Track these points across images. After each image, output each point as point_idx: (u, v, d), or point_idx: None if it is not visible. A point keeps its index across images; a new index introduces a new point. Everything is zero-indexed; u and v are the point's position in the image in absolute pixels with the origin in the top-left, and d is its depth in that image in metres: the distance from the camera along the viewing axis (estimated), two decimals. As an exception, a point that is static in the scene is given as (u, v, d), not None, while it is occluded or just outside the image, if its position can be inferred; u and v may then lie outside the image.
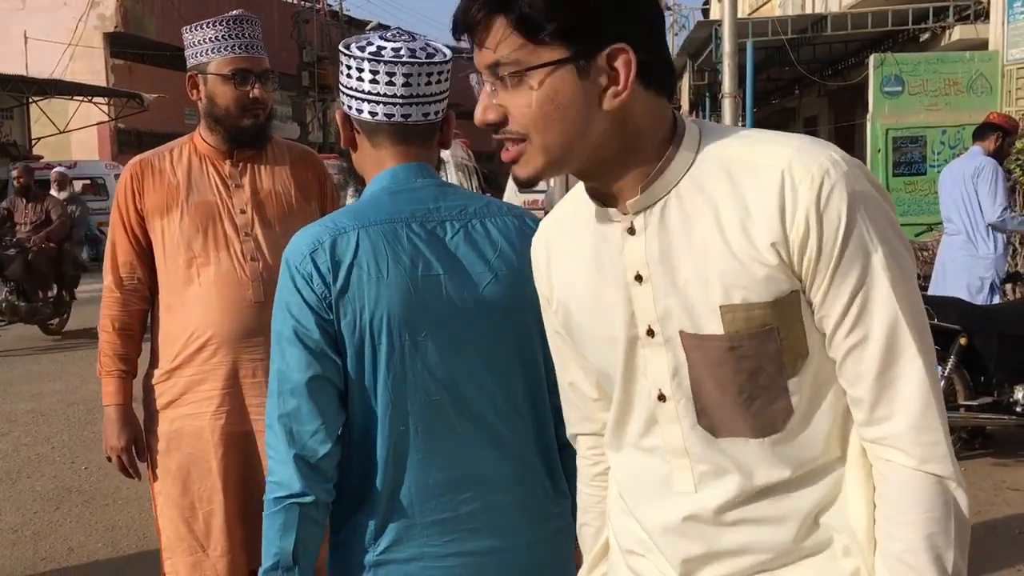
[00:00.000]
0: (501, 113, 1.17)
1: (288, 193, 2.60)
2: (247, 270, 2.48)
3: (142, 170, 2.52)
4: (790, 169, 1.10)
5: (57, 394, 7.56)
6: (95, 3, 29.15)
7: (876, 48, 12.76)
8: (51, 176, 12.78)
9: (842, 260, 1.10)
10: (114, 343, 2.55)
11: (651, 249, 1.18)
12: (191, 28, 2.51)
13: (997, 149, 6.10)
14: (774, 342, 1.14)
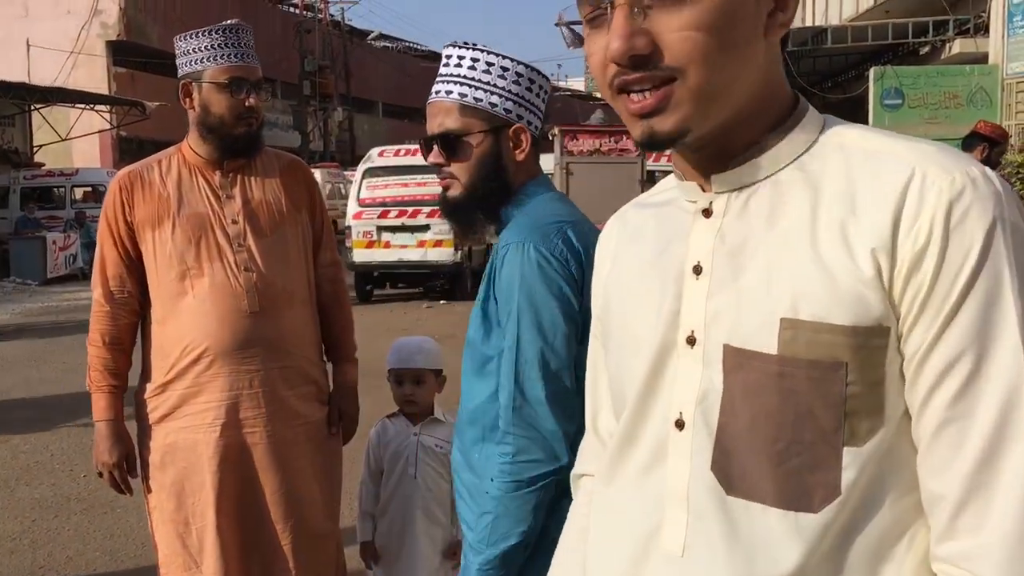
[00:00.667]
0: (651, 43, 0.88)
1: (279, 202, 2.59)
2: (242, 280, 2.47)
3: (131, 182, 2.49)
4: (924, 166, 0.87)
5: (53, 401, 7.55)
6: (98, 11, 29.24)
7: (876, 61, 12.81)
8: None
9: (964, 300, 0.83)
10: (104, 357, 2.52)
11: (723, 237, 0.96)
12: (185, 36, 2.50)
13: (985, 160, 6.02)
14: (838, 384, 0.87)
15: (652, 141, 0.92)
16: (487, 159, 1.75)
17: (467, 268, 14.05)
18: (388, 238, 13.51)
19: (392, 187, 13.71)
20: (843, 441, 0.87)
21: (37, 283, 16.45)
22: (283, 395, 2.53)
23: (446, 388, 3.09)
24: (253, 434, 2.48)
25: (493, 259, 1.71)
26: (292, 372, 2.55)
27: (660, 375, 0.99)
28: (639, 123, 0.92)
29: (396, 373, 2.98)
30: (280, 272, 2.53)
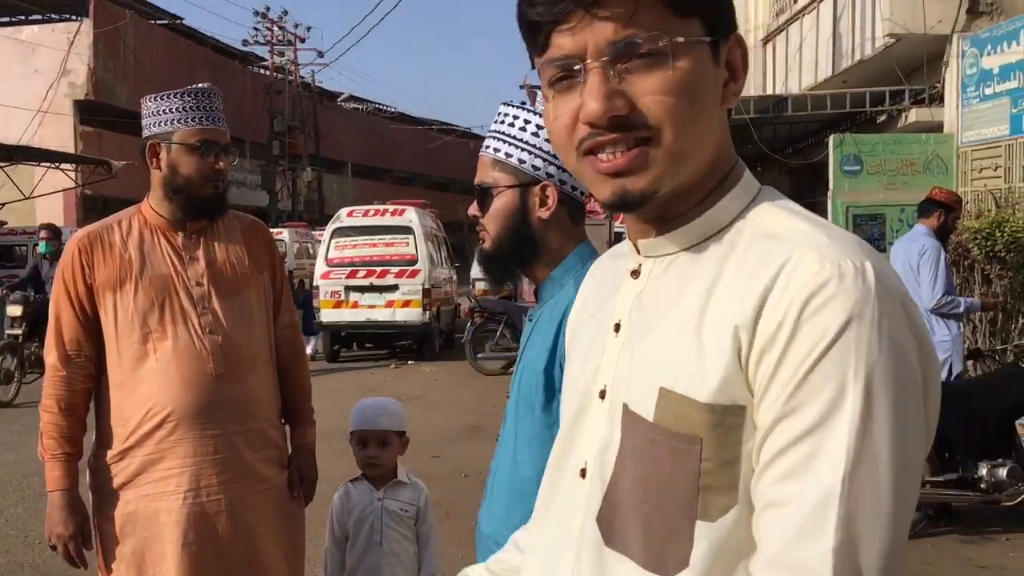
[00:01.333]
0: (628, 104, 0.91)
1: (242, 263, 2.57)
2: (207, 343, 2.43)
3: (91, 243, 2.45)
4: (801, 253, 0.88)
5: (11, 465, 7.37)
6: (67, 71, 29.28)
7: (835, 128, 13.13)
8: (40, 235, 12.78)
9: (802, 386, 0.84)
10: (59, 424, 2.44)
11: (641, 300, 1.00)
12: (154, 98, 2.49)
13: (941, 226, 6.03)
14: (694, 461, 0.89)
15: (623, 200, 0.94)
16: (513, 214, 1.76)
17: (435, 328, 14.04)
18: (356, 298, 13.49)
19: (360, 247, 13.74)
20: (696, 515, 0.90)
21: (-4, 343, 16.14)
22: (247, 459, 2.49)
23: (408, 448, 3.07)
24: (217, 501, 2.42)
25: (560, 323, 1.64)
26: (255, 435, 2.52)
27: (579, 424, 1.05)
28: (609, 182, 0.94)
29: (360, 435, 2.94)
30: (244, 334, 2.51)
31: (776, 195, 1.01)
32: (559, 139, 0.97)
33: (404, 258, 13.58)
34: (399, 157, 51.26)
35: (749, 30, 17.39)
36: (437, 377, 12.17)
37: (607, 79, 0.91)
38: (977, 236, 8.55)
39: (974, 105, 10.50)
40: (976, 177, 10.54)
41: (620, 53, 0.90)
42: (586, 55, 0.91)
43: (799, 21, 14.27)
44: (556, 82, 0.95)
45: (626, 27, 0.90)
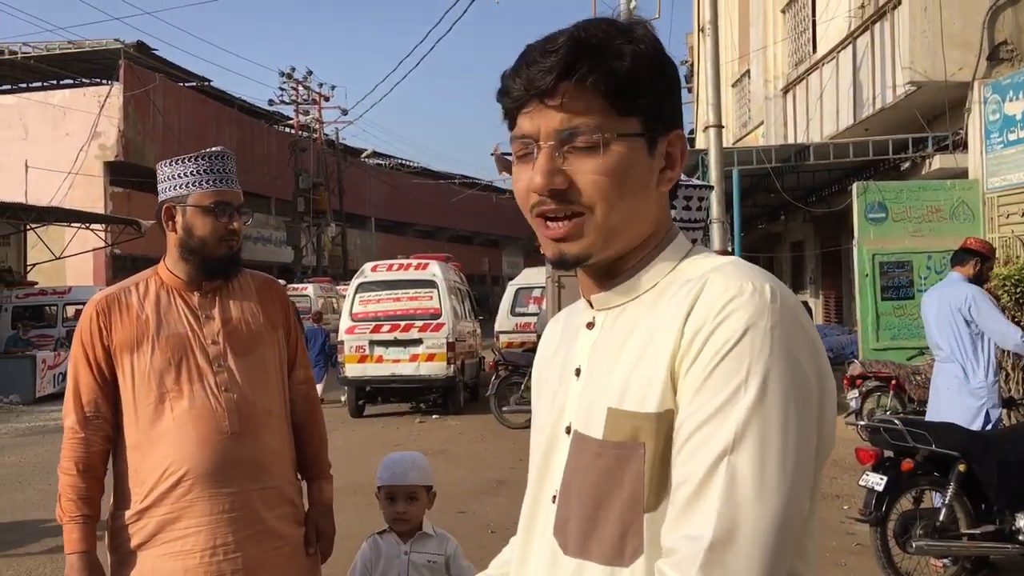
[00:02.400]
0: (567, 181, 1.12)
1: (257, 321, 2.60)
2: (222, 401, 2.45)
3: (108, 306, 2.48)
4: (714, 277, 1.08)
5: (39, 525, 7.35)
6: (97, 133, 29.92)
7: (858, 176, 13.11)
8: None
9: (706, 383, 1.03)
10: (78, 486, 2.44)
11: (597, 346, 1.18)
12: (169, 163, 2.54)
13: (977, 274, 6.08)
14: (638, 461, 1.08)
15: (562, 261, 1.15)
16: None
17: (460, 382, 14.00)
18: (381, 352, 13.49)
19: (384, 301, 13.78)
20: (644, 508, 1.07)
21: (25, 402, 16.29)
22: (263, 517, 2.49)
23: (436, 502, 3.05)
24: (234, 559, 2.41)
25: None
26: (271, 493, 2.53)
27: (551, 458, 1.22)
28: (552, 245, 1.16)
29: (388, 490, 2.93)
30: (259, 392, 2.54)
31: (704, 250, 1.21)
32: (520, 200, 1.18)
33: (428, 312, 13.60)
34: (422, 211, 51.71)
35: (769, 80, 17.51)
36: (462, 431, 12.11)
37: (552, 159, 1.12)
38: (1006, 282, 8.46)
39: (998, 151, 10.46)
40: (1003, 223, 10.46)
41: (564, 139, 1.11)
42: (539, 137, 1.13)
43: (819, 70, 14.34)
44: (519, 155, 1.17)
45: (571, 120, 1.11)
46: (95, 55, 30.60)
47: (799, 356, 1.03)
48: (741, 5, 19.69)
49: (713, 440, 1.00)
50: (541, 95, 1.11)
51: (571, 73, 1.10)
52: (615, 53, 1.11)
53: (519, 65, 1.14)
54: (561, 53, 1.10)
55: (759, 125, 18.29)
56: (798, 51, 15.96)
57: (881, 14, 11.71)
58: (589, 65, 1.09)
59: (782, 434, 0.99)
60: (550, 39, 1.13)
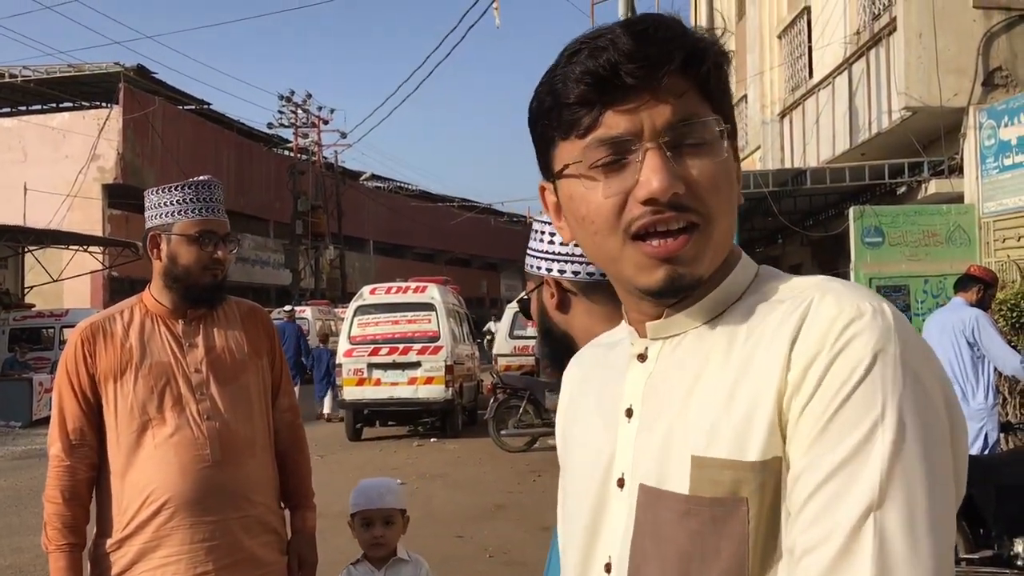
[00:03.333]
0: (684, 185, 0.92)
1: (241, 349, 2.61)
2: (204, 430, 2.46)
3: (93, 334, 2.48)
4: (820, 299, 0.89)
5: (38, 548, 7.28)
6: (96, 156, 30.01)
7: (855, 200, 13.17)
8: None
9: (832, 423, 0.84)
10: (64, 515, 2.43)
11: (653, 382, 0.99)
12: (156, 191, 2.55)
13: (979, 300, 6.22)
14: (741, 523, 0.88)
15: (675, 286, 0.94)
16: (539, 314, 1.90)
17: (458, 405, 13.98)
18: (379, 375, 13.48)
19: (383, 324, 13.79)
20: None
21: (21, 425, 16.23)
22: (244, 545, 2.49)
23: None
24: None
25: None
26: (252, 521, 2.52)
27: (600, 519, 1.01)
28: (661, 267, 0.93)
29: (364, 515, 2.93)
30: (242, 420, 2.54)
31: (776, 270, 1.03)
32: (602, 220, 0.95)
33: (426, 335, 13.60)
34: (420, 234, 51.80)
35: (766, 105, 17.63)
36: (460, 455, 12.08)
37: (668, 159, 0.91)
38: (1002, 307, 8.48)
39: (994, 176, 10.53)
40: (999, 247, 10.50)
41: (677, 136, 0.92)
42: (643, 136, 0.92)
43: (815, 96, 14.45)
44: (606, 165, 0.94)
45: (687, 110, 0.92)
46: (95, 78, 30.75)
47: (930, 387, 0.86)
48: (737, 31, 19.85)
49: (853, 493, 0.82)
50: (652, 87, 0.91)
51: (691, 65, 0.92)
52: (712, 43, 0.95)
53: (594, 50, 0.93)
54: (677, 41, 0.92)
55: (756, 149, 18.39)
56: (794, 76, 16.08)
57: (876, 40, 11.82)
58: (710, 60, 0.94)
59: (928, 483, 0.82)
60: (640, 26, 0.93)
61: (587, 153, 0.94)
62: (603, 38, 0.93)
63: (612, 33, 0.93)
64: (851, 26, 12.94)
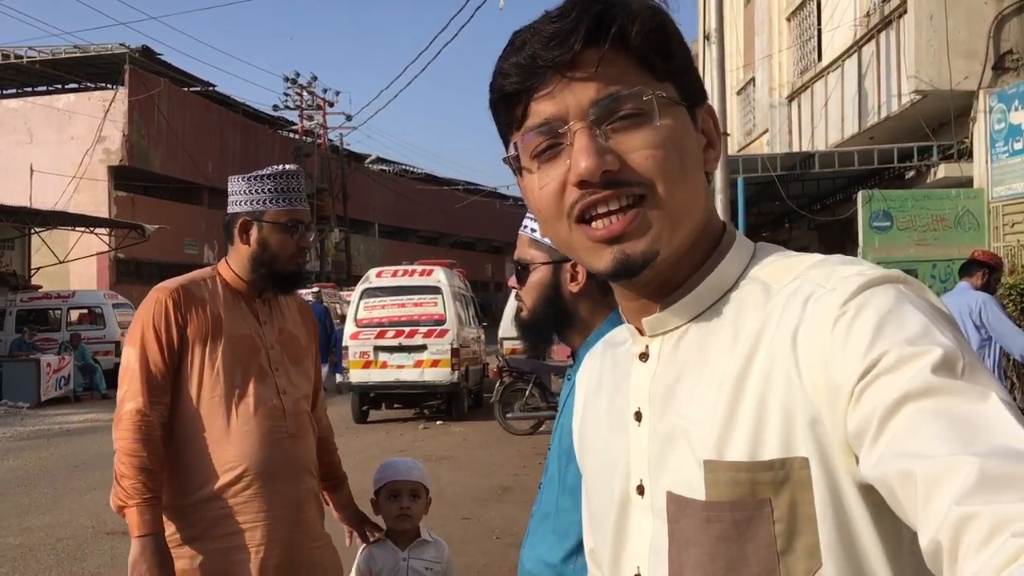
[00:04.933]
0: (618, 161, 0.89)
1: (301, 335, 2.77)
2: (283, 403, 2.57)
3: (184, 296, 2.52)
4: (823, 277, 0.86)
5: (47, 528, 7.38)
6: (102, 138, 29.99)
7: (863, 184, 13.11)
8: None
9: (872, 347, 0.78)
10: (145, 467, 2.38)
11: (658, 381, 0.95)
12: (244, 178, 2.62)
13: (984, 285, 6.21)
14: (766, 526, 0.84)
15: (625, 267, 0.91)
16: (546, 288, 1.92)
17: (464, 388, 14.00)
18: (385, 358, 13.50)
19: (389, 307, 13.79)
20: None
21: (29, 405, 16.30)
22: (308, 516, 2.60)
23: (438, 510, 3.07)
24: (281, 555, 2.50)
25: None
26: (311, 494, 2.66)
27: (624, 528, 0.99)
28: (607, 250, 0.91)
29: (392, 487, 2.95)
30: (304, 400, 2.69)
31: (773, 247, 0.98)
32: (547, 209, 0.94)
33: (432, 318, 13.61)
34: (425, 217, 51.76)
35: (774, 88, 17.53)
36: (466, 437, 12.11)
37: (594, 137, 0.89)
38: (1012, 292, 8.45)
39: (1003, 160, 10.47)
40: (1008, 232, 10.46)
41: (603, 112, 0.90)
42: (568, 117, 0.90)
43: (824, 79, 14.37)
44: (540, 153, 0.93)
45: (608, 87, 0.89)
46: (100, 59, 30.70)
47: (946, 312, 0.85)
48: (746, 14, 19.73)
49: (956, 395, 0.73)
50: (565, 66, 0.89)
51: (599, 33, 0.89)
52: (639, 8, 0.91)
53: (521, 42, 0.92)
54: (583, 13, 0.89)
55: (764, 133, 18.31)
56: (803, 59, 15.98)
57: (887, 23, 11.73)
58: (619, 22, 0.89)
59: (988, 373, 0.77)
60: (557, 9, 0.92)
61: (524, 144, 0.94)
62: (530, 28, 0.92)
63: (539, 21, 0.92)
64: (861, 8, 12.85)
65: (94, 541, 6.93)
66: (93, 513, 7.90)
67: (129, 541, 2.39)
